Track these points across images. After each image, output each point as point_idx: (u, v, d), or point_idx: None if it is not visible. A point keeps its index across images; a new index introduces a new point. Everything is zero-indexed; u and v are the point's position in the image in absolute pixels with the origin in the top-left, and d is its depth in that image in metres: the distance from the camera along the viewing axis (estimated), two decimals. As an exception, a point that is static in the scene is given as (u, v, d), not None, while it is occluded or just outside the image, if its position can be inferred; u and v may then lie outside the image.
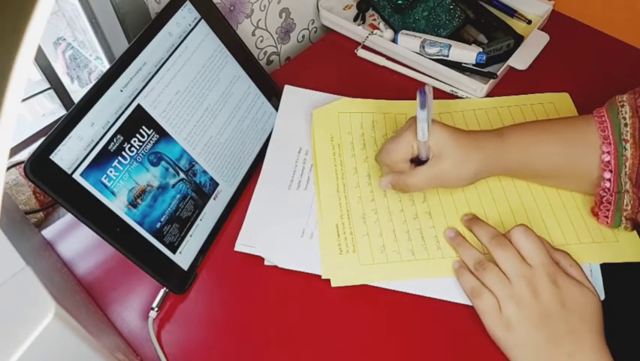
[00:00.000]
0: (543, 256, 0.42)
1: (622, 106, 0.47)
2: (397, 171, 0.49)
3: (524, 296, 0.41)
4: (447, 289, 0.46)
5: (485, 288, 0.43)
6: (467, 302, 0.45)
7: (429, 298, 0.46)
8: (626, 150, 0.45)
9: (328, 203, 0.52)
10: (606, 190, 0.47)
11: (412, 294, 0.46)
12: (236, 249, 0.49)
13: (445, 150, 0.46)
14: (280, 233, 0.50)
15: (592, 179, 0.48)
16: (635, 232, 0.49)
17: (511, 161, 0.48)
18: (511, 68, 0.63)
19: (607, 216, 0.48)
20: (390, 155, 0.49)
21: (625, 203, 0.46)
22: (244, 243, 0.49)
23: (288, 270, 0.48)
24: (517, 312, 0.41)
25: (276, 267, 0.48)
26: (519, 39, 0.65)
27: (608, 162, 0.46)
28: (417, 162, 0.49)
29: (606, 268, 0.47)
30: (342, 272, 0.47)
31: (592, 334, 0.40)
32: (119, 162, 0.43)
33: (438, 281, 0.47)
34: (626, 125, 0.46)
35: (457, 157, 0.46)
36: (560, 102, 0.61)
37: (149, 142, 0.46)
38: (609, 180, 0.47)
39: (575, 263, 0.43)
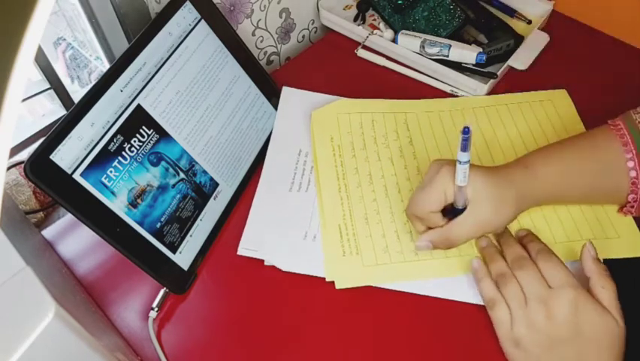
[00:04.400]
0: (564, 279, 0.40)
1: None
2: (430, 224, 0.45)
3: (537, 320, 0.40)
4: (451, 288, 0.46)
5: (503, 300, 0.42)
6: (470, 301, 0.45)
7: (433, 297, 0.46)
8: None
9: (330, 203, 0.52)
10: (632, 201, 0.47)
11: (416, 294, 0.46)
12: (239, 253, 0.49)
13: (481, 193, 0.42)
14: (283, 236, 0.50)
15: (621, 195, 0.47)
16: (636, 228, 0.49)
17: (543, 194, 0.46)
18: (511, 68, 0.63)
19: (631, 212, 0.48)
20: (422, 206, 0.44)
21: None
22: (247, 247, 0.49)
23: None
24: (526, 334, 0.40)
25: (276, 267, 0.48)
26: (519, 39, 0.65)
27: (635, 177, 0.45)
28: (450, 213, 0.45)
29: (606, 266, 0.47)
30: (346, 274, 0.47)
31: None
32: (119, 162, 0.43)
33: (441, 281, 0.47)
34: None
35: (494, 200, 0.43)
36: (558, 99, 0.61)
37: (149, 142, 0.46)
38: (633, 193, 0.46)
39: (609, 284, 0.41)
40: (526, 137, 0.57)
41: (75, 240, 0.52)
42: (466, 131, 0.39)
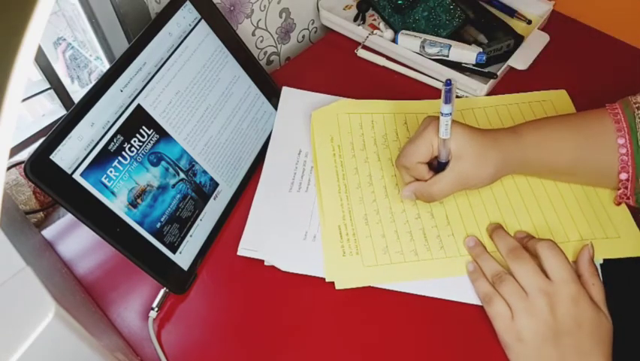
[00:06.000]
0: (567, 273, 0.41)
1: (638, 108, 0.46)
2: (417, 175, 0.48)
3: (541, 310, 0.41)
4: (451, 288, 0.46)
5: (499, 295, 0.43)
6: (470, 301, 0.45)
7: (433, 298, 0.46)
8: None
9: (330, 204, 0.52)
10: (624, 182, 0.47)
11: (416, 294, 0.46)
12: (239, 253, 0.49)
13: (464, 149, 0.45)
14: (283, 237, 0.50)
15: (611, 174, 0.47)
16: (636, 228, 0.49)
17: (528, 157, 0.47)
18: (511, 68, 0.63)
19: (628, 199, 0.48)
20: (409, 157, 0.47)
21: None
22: (247, 247, 0.49)
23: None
24: (530, 325, 0.41)
25: (276, 267, 0.48)
26: (519, 39, 0.65)
27: (625, 154, 0.45)
28: (436, 167, 0.47)
29: (607, 265, 0.47)
30: (346, 274, 0.47)
31: (603, 359, 0.39)
32: (119, 162, 0.43)
33: (442, 281, 0.47)
34: None
35: (476, 156, 0.45)
36: (558, 100, 0.61)
37: (149, 142, 0.46)
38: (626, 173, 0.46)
39: (598, 282, 0.43)
40: (526, 137, 0.57)
41: (75, 240, 0.52)
42: (448, 83, 0.41)
